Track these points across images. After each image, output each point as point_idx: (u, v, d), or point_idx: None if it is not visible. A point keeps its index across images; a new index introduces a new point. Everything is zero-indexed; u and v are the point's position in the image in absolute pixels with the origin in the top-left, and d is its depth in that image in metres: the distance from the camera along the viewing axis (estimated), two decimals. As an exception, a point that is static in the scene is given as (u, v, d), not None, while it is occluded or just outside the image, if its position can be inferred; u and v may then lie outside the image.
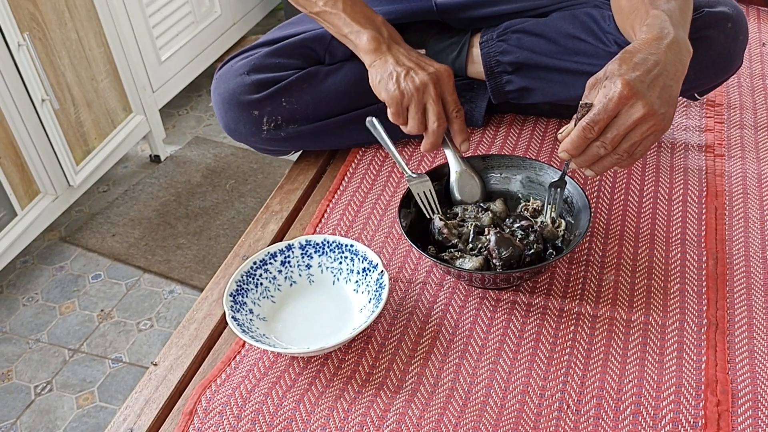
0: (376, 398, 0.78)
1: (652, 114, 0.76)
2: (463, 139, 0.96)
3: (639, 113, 0.75)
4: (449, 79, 0.96)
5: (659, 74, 0.77)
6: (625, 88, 0.75)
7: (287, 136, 1.10)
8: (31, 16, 1.63)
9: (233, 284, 0.87)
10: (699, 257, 0.92)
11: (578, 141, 0.78)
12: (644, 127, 0.76)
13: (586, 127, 0.77)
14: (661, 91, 0.77)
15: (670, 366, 0.79)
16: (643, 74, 0.76)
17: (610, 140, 0.77)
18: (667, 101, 0.77)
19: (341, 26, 1.00)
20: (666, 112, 0.77)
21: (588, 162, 0.80)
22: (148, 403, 0.80)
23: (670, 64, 0.78)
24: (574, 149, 0.79)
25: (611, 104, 0.76)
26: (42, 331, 1.64)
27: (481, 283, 0.88)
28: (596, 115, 0.76)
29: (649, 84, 0.76)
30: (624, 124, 0.76)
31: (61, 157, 1.74)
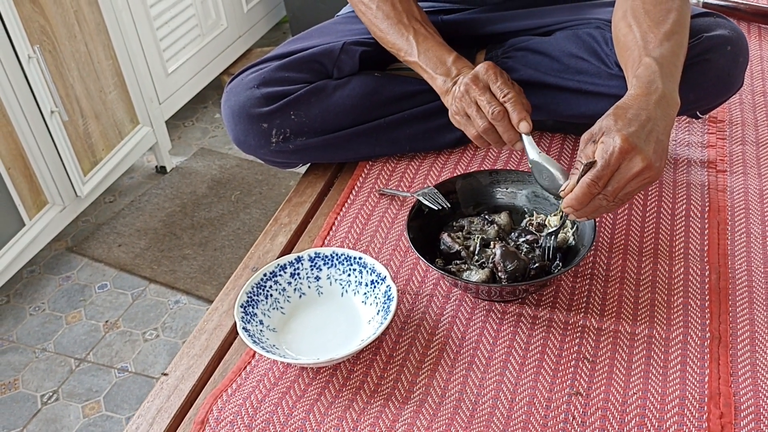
0: (385, 408, 0.79)
1: (650, 166, 0.79)
2: (520, 119, 0.92)
3: (638, 166, 0.79)
4: (488, 71, 0.95)
5: (652, 129, 0.80)
6: (625, 143, 0.78)
7: (295, 148, 1.12)
8: (42, 29, 1.65)
9: (244, 295, 0.88)
10: (702, 271, 0.94)
11: (583, 197, 0.81)
12: (641, 178, 0.80)
13: (591, 184, 0.80)
14: (656, 145, 0.80)
15: (673, 379, 0.80)
16: (639, 129, 0.79)
17: (611, 192, 0.81)
18: (660, 155, 0.81)
19: (421, 73, 1.05)
20: (659, 165, 0.81)
21: (589, 214, 0.83)
22: (160, 413, 0.81)
23: (660, 120, 0.82)
24: (579, 205, 0.82)
25: (613, 159, 0.79)
26: (48, 340, 1.65)
27: (487, 295, 0.89)
28: (600, 171, 0.79)
29: (645, 139, 0.79)
30: (624, 177, 0.79)
31: (69, 167, 1.76)
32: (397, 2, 1.08)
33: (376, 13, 1.09)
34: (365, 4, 1.10)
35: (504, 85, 0.94)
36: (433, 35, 1.06)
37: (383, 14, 1.08)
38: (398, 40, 1.07)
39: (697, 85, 0.99)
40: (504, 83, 0.94)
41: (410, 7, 1.08)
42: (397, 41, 1.07)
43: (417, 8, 1.09)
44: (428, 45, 1.04)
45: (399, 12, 1.07)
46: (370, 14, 1.10)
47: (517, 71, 1.12)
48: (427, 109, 1.15)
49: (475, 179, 1.01)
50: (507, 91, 0.93)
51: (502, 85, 0.93)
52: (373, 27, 1.10)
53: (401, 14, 1.07)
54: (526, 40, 1.13)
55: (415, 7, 1.09)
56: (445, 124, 1.03)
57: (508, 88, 0.94)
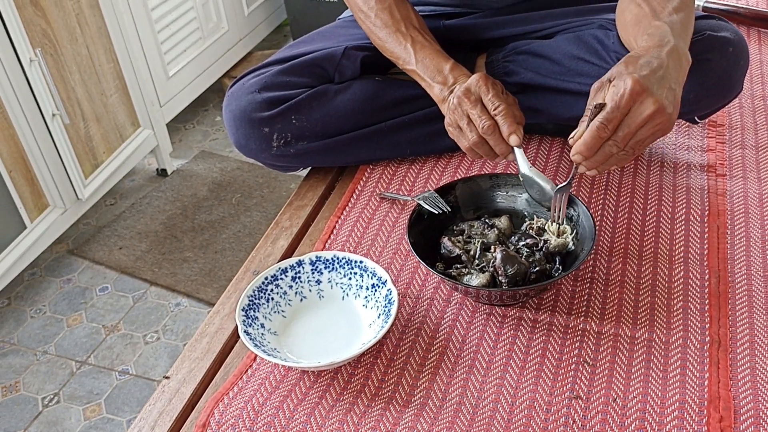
0: (386, 412, 0.79)
1: (662, 110, 0.77)
2: (510, 133, 0.92)
3: (650, 109, 0.77)
4: (479, 83, 0.94)
5: (664, 76, 0.79)
6: (636, 85, 0.77)
7: (296, 152, 1.12)
8: (43, 33, 1.65)
9: (245, 299, 0.88)
10: (701, 275, 0.94)
11: (592, 141, 0.79)
12: (653, 123, 0.78)
13: (600, 126, 0.78)
14: (668, 91, 0.79)
15: (673, 382, 0.81)
16: (651, 73, 0.78)
17: (622, 138, 0.79)
18: (673, 102, 0.79)
19: (419, 81, 1.05)
20: (672, 114, 0.79)
21: (599, 162, 0.81)
22: (161, 416, 0.81)
23: (672, 69, 0.81)
24: (588, 150, 0.80)
25: (623, 101, 0.77)
26: (49, 342, 1.66)
27: (487, 299, 0.90)
28: (609, 113, 0.78)
29: (657, 83, 0.78)
30: (635, 121, 0.78)
31: (71, 170, 1.76)
32: (395, 10, 1.08)
33: (374, 21, 1.09)
34: (364, 12, 1.11)
35: (495, 97, 0.93)
36: (431, 43, 1.07)
37: (381, 23, 1.08)
38: (396, 49, 1.07)
39: (698, 85, 0.99)
40: (495, 95, 0.93)
41: (408, 14, 1.09)
42: (396, 49, 1.07)
43: (415, 15, 1.10)
44: (425, 53, 1.05)
45: (397, 20, 1.08)
46: (369, 23, 1.10)
47: (517, 74, 1.13)
48: (427, 113, 1.16)
49: (476, 183, 1.01)
50: (498, 104, 0.92)
51: (493, 98, 0.93)
52: (373, 35, 1.11)
53: (399, 22, 1.07)
54: (527, 43, 1.14)
55: (413, 14, 1.10)
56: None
57: (500, 100, 0.93)
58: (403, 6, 1.09)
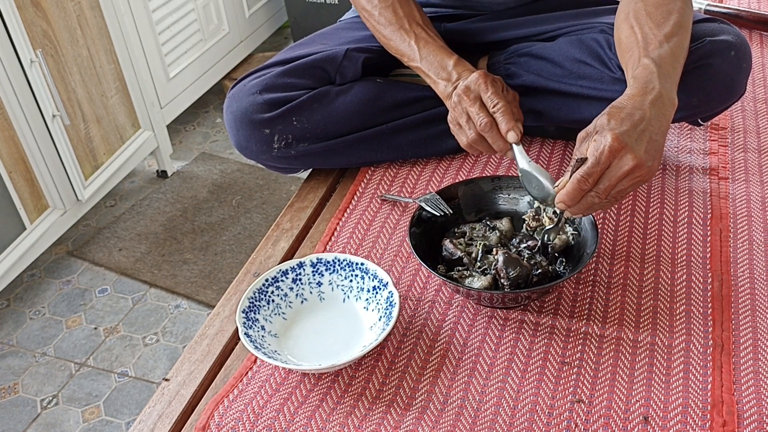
0: (387, 415, 0.79)
1: (640, 165, 0.80)
2: (508, 129, 0.93)
3: (628, 165, 0.79)
4: (479, 81, 0.96)
5: (645, 129, 0.81)
6: (615, 142, 0.79)
7: (297, 154, 1.12)
8: (44, 33, 1.65)
9: (246, 301, 0.88)
10: (704, 279, 0.93)
11: (574, 193, 0.82)
12: (632, 176, 0.81)
13: (581, 180, 0.81)
14: (647, 144, 0.81)
15: (676, 386, 0.80)
16: (631, 128, 0.80)
17: (603, 190, 0.82)
18: (653, 154, 0.82)
19: (424, 77, 1.06)
20: (652, 165, 0.82)
21: (582, 210, 0.84)
22: (161, 418, 0.81)
23: (655, 119, 0.82)
24: (570, 200, 0.83)
25: (603, 157, 0.80)
26: (48, 344, 1.65)
27: (489, 302, 0.89)
28: (590, 168, 0.80)
29: (637, 138, 0.80)
30: (615, 175, 0.80)
31: (71, 172, 1.76)
32: (398, 8, 1.08)
33: (378, 19, 1.09)
34: (368, 11, 1.11)
35: (494, 95, 0.95)
36: (435, 39, 1.07)
37: (385, 20, 1.08)
38: (401, 46, 1.07)
39: (700, 89, 0.99)
40: (495, 93, 0.95)
41: (411, 11, 1.09)
42: (400, 46, 1.08)
43: (419, 12, 1.10)
44: (429, 49, 1.05)
45: (400, 17, 1.08)
46: (373, 21, 1.10)
47: (519, 77, 1.12)
48: (428, 115, 1.15)
49: (477, 185, 1.01)
50: (496, 101, 0.94)
51: (492, 95, 0.94)
52: (378, 33, 1.11)
53: (402, 19, 1.08)
54: (529, 46, 1.13)
55: (417, 11, 1.10)
56: (447, 130, 1.03)
57: (498, 97, 0.94)
58: (407, 3, 1.10)
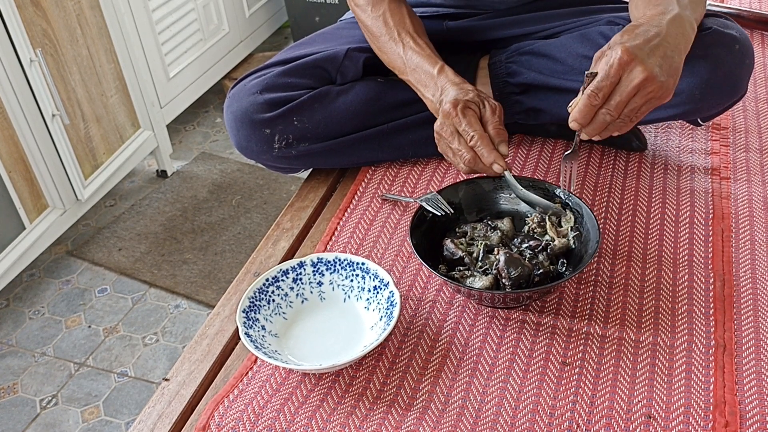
0: (388, 415, 0.79)
1: (652, 79, 0.80)
2: (490, 164, 0.92)
3: (639, 78, 0.80)
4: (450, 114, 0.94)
5: (659, 44, 0.81)
6: (625, 54, 0.79)
7: (298, 154, 1.12)
8: (44, 33, 1.65)
9: (246, 300, 0.88)
10: (706, 279, 0.93)
11: (585, 109, 0.82)
12: (645, 91, 0.81)
13: (591, 95, 0.81)
14: (661, 59, 0.81)
15: (678, 387, 0.80)
16: (643, 43, 0.81)
17: (614, 106, 0.81)
18: (668, 71, 0.81)
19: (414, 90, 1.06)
20: (666, 81, 0.81)
21: (597, 130, 0.84)
22: (161, 418, 0.81)
23: (671, 36, 0.83)
24: (582, 118, 0.83)
25: (612, 70, 0.80)
26: (48, 344, 1.65)
27: (490, 302, 0.89)
28: (600, 83, 0.81)
29: (649, 51, 0.80)
30: (626, 90, 0.80)
31: (70, 171, 1.75)
32: (389, 17, 1.08)
33: (371, 30, 1.10)
34: (362, 20, 1.11)
35: (468, 125, 0.92)
36: (422, 47, 1.05)
37: (377, 31, 1.09)
38: (392, 57, 1.08)
39: (704, 81, 0.98)
40: (469, 123, 0.93)
41: (402, 19, 1.08)
42: (391, 58, 1.08)
43: (410, 20, 1.08)
44: (415, 61, 1.04)
45: (390, 27, 1.07)
46: (368, 33, 1.11)
47: (520, 75, 1.12)
48: (429, 115, 1.14)
49: (478, 185, 1.00)
50: (471, 134, 0.92)
51: (466, 127, 0.93)
52: (372, 44, 1.11)
53: (392, 29, 1.07)
54: (530, 44, 1.13)
55: (409, 18, 1.08)
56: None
57: (473, 128, 0.92)
58: (398, 11, 1.08)
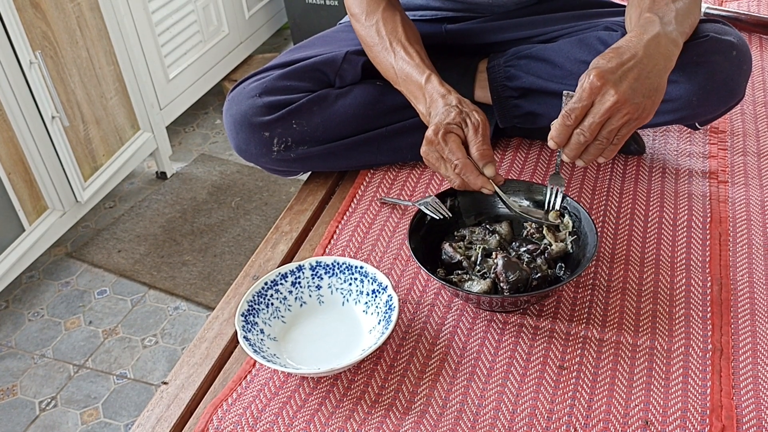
0: (386, 419, 0.79)
1: (623, 102, 0.82)
2: (478, 188, 0.93)
3: (610, 101, 0.82)
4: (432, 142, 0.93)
5: (633, 66, 0.83)
6: (596, 78, 0.82)
7: (297, 157, 1.12)
8: (44, 35, 1.65)
9: (245, 304, 0.88)
10: (703, 283, 0.93)
11: (560, 129, 0.84)
12: (618, 115, 0.83)
13: (564, 115, 0.83)
14: (634, 81, 0.83)
15: (675, 390, 0.80)
16: (616, 66, 0.83)
17: (587, 127, 0.83)
18: (643, 92, 0.83)
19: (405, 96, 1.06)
20: (642, 102, 0.83)
21: (574, 150, 0.86)
22: (159, 422, 0.81)
23: (648, 57, 0.84)
24: (557, 137, 0.85)
25: (584, 94, 0.82)
26: (47, 346, 1.65)
27: (488, 305, 0.89)
28: (572, 104, 0.83)
29: (621, 75, 0.82)
30: (599, 112, 0.83)
31: (70, 173, 1.76)
32: (381, 27, 1.08)
33: (365, 40, 1.10)
34: (358, 32, 1.12)
35: (451, 153, 0.92)
36: (412, 56, 1.04)
37: (370, 41, 1.09)
38: (385, 68, 1.08)
39: (701, 87, 0.98)
40: (451, 150, 0.91)
41: (395, 28, 1.07)
42: (384, 69, 1.08)
43: (403, 27, 1.08)
44: (406, 72, 1.04)
45: (382, 37, 1.07)
46: (361, 42, 1.12)
47: (519, 79, 1.12)
48: (428, 119, 1.15)
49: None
50: (455, 162, 0.91)
51: (449, 155, 0.92)
52: (368, 55, 1.11)
53: (384, 39, 1.07)
54: (529, 48, 1.13)
55: (401, 26, 1.08)
56: (447, 132, 1.03)
57: (456, 156, 0.91)
58: (391, 20, 1.08)
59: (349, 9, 1.13)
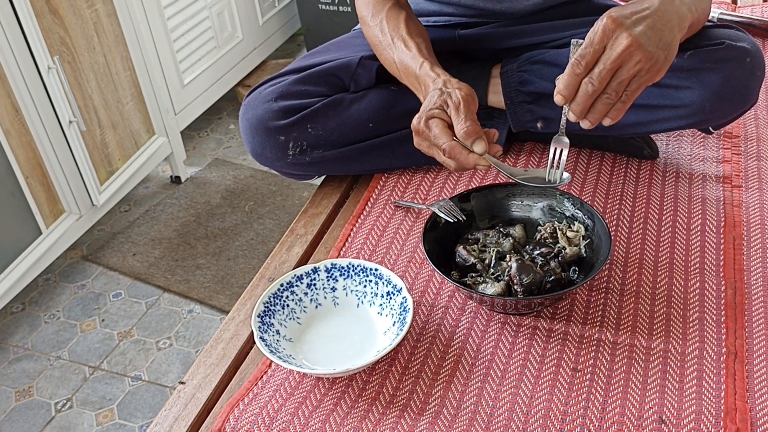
0: (401, 419, 0.80)
1: (637, 46, 0.78)
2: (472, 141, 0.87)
3: (623, 44, 0.78)
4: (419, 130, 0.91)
5: (648, 15, 0.81)
6: (609, 22, 0.79)
7: (312, 161, 1.13)
8: (61, 40, 1.67)
9: (261, 305, 0.89)
10: (718, 286, 0.94)
11: (569, 79, 0.81)
12: (631, 62, 0.79)
13: (574, 63, 0.80)
14: (648, 29, 0.80)
15: (689, 393, 0.80)
16: (630, 13, 0.80)
17: (597, 75, 0.79)
18: (656, 42, 0.80)
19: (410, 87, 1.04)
20: (655, 53, 0.80)
21: (581, 104, 0.82)
22: (177, 421, 0.82)
23: (662, 11, 0.82)
24: (565, 89, 0.81)
25: (596, 37, 0.79)
26: (63, 348, 1.67)
27: (502, 308, 0.90)
28: (583, 50, 0.80)
29: (636, 20, 0.80)
30: (610, 58, 0.79)
31: (86, 177, 1.78)
32: (385, 25, 1.08)
33: (371, 40, 1.11)
34: (365, 33, 1.12)
35: (436, 138, 0.89)
36: (410, 48, 1.02)
37: (375, 40, 1.10)
38: (389, 64, 1.08)
39: (714, 94, 0.99)
40: (436, 136, 0.88)
41: (397, 24, 1.07)
42: (389, 66, 1.08)
43: (405, 24, 1.07)
44: (405, 63, 1.02)
45: (385, 34, 1.07)
46: (370, 43, 1.12)
47: (532, 84, 1.13)
48: (442, 123, 1.16)
49: (491, 192, 1.01)
50: (443, 147, 0.88)
51: (435, 140, 0.89)
52: (376, 55, 1.11)
53: (387, 35, 1.07)
54: (542, 53, 1.14)
55: (404, 23, 1.07)
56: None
57: (441, 140, 0.88)
58: (394, 18, 1.08)
59: (359, 12, 1.14)
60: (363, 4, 1.13)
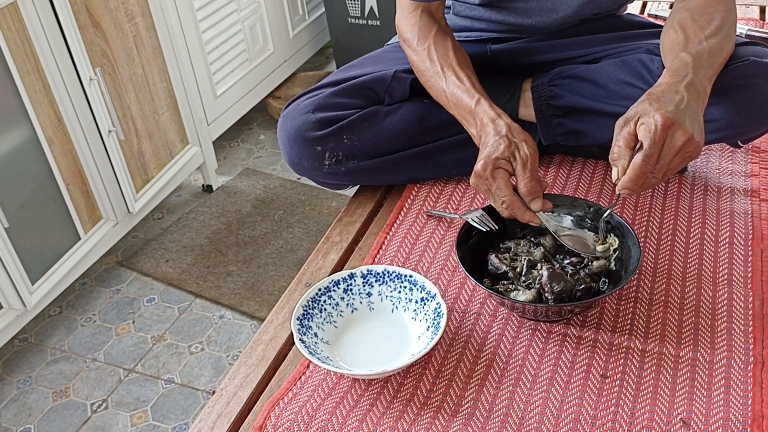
0: (435, 420, 0.82)
1: (691, 139, 0.86)
2: (526, 222, 0.95)
3: (681, 140, 0.85)
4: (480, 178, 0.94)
5: (686, 108, 0.88)
6: (665, 120, 0.85)
7: (347, 171, 1.16)
8: (103, 53, 1.73)
9: (300, 309, 0.92)
10: (745, 297, 0.95)
11: (637, 178, 0.86)
12: (684, 151, 0.86)
13: (643, 163, 0.85)
14: (691, 121, 0.87)
15: (717, 401, 0.82)
16: (675, 107, 0.87)
17: (660, 169, 0.86)
18: (699, 130, 0.88)
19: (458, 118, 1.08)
20: (700, 140, 0.87)
21: (640, 191, 0.89)
22: (220, 418, 0.85)
23: (692, 101, 0.89)
24: (634, 185, 0.87)
25: (657, 136, 0.85)
26: (99, 350, 1.71)
27: (533, 315, 0.92)
28: (649, 150, 0.85)
29: (682, 115, 0.86)
30: (669, 153, 0.86)
31: (123, 185, 1.83)
32: (433, 52, 1.11)
33: (416, 64, 1.14)
34: (408, 55, 1.16)
35: (499, 189, 0.93)
36: (463, 81, 1.06)
37: (421, 66, 1.12)
38: (437, 92, 1.10)
39: (743, 109, 1.02)
40: (499, 187, 0.93)
41: (446, 53, 1.10)
42: (436, 94, 1.11)
43: (454, 52, 1.10)
44: (457, 96, 1.06)
45: (434, 62, 1.10)
46: (413, 66, 1.15)
47: (563, 98, 1.16)
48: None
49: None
50: (503, 199, 0.93)
51: (497, 191, 0.94)
52: (419, 79, 1.15)
53: (435, 64, 1.10)
54: (573, 68, 1.17)
55: (452, 51, 1.10)
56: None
57: (503, 192, 0.93)
58: (442, 45, 1.11)
59: (401, 35, 1.17)
60: (407, 26, 1.16)
